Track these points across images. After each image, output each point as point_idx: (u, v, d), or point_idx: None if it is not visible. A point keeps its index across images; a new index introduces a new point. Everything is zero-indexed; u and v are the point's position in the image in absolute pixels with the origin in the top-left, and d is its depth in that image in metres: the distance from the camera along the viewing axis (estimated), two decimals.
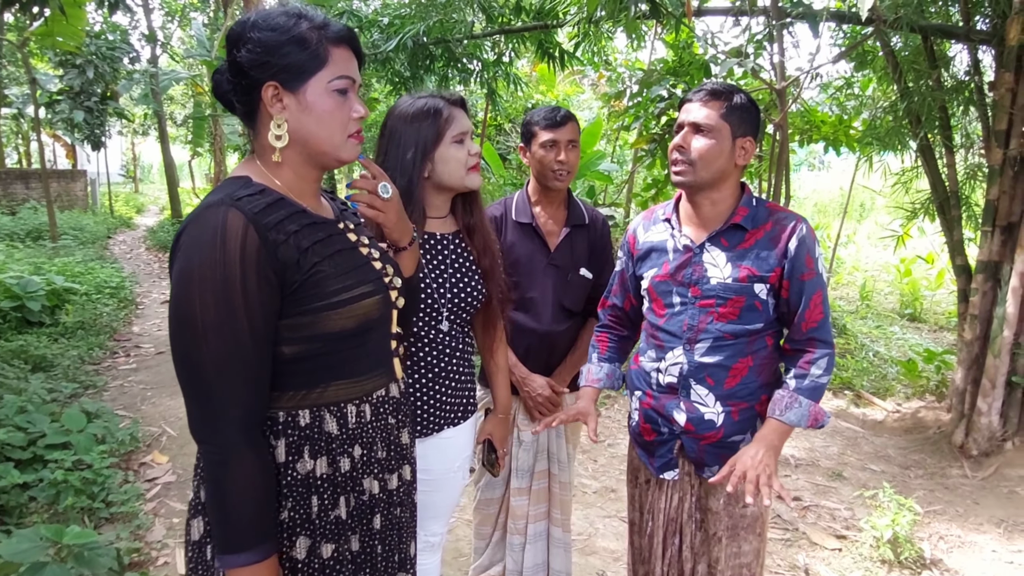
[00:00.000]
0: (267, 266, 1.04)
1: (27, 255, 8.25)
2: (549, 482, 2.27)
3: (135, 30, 15.16)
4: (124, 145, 25.72)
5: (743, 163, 1.66)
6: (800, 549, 3.07)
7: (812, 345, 1.63)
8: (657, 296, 1.74)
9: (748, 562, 1.73)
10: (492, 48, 6.44)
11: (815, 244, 1.64)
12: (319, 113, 1.12)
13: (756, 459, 1.53)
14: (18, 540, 2.08)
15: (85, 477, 2.97)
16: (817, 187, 16.29)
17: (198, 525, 1.14)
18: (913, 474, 3.93)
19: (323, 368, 1.14)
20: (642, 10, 4.05)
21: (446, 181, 1.66)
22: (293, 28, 1.09)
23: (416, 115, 1.61)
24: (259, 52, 1.08)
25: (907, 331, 7.27)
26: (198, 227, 1.04)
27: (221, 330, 1.02)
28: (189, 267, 1.03)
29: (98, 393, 4.60)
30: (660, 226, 1.79)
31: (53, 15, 6.04)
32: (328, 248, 1.14)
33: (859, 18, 3.80)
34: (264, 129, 1.14)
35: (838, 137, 5.42)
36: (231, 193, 1.07)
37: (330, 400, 1.15)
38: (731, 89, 1.64)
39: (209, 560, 1.12)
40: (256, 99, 1.12)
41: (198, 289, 1.02)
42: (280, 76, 1.09)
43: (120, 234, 14.49)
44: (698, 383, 1.67)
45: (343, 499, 1.16)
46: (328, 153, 1.15)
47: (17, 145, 19.22)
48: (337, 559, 1.15)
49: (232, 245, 1.02)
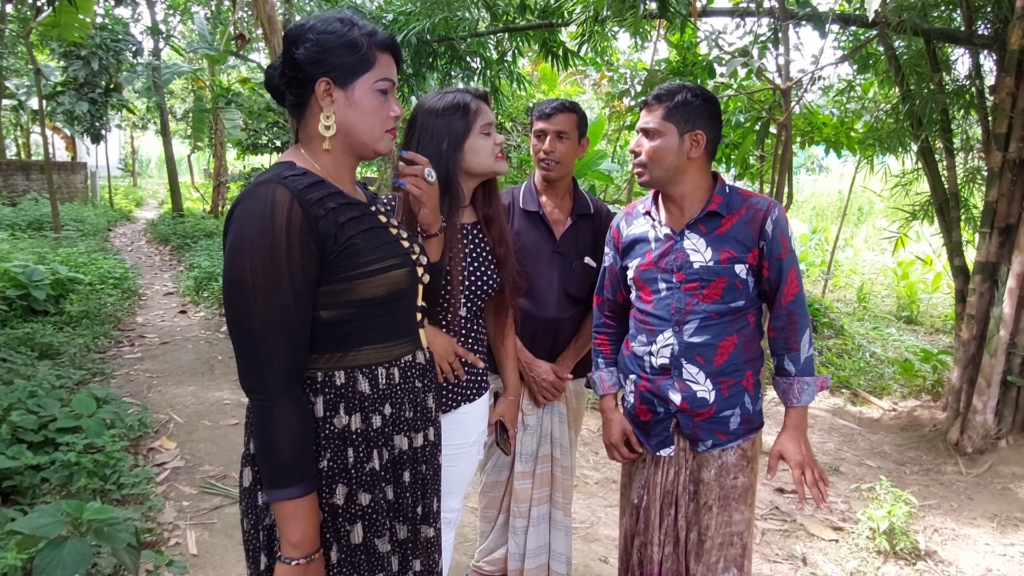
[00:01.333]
0: (309, 236, 1.16)
1: (30, 245, 8.28)
2: (552, 466, 2.32)
3: (137, 23, 15.19)
4: (123, 138, 25.68)
5: (696, 155, 1.75)
6: (798, 539, 3.13)
7: (792, 320, 1.74)
8: (643, 284, 1.84)
9: (740, 531, 1.83)
10: (495, 46, 6.49)
11: (787, 225, 1.77)
12: (363, 109, 1.26)
13: (803, 452, 1.75)
14: (39, 515, 2.12)
15: (97, 459, 3.01)
16: (816, 190, 16.37)
17: (248, 474, 1.28)
18: (909, 470, 4.00)
19: (356, 332, 1.26)
20: (649, 9, 4.11)
21: (476, 169, 1.75)
22: (347, 33, 1.23)
23: (446, 109, 1.71)
24: (316, 51, 1.21)
25: (904, 333, 7.35)
26: (250, 201, 1.16)
27: (268, 291, 1.13)
28: (241, 236, 1.14)
29: (105, 380, 4.64)
30: (641, 219, 1.90)
31: (62, 5, 6.07)
32: (361, 224, 1.26)
33: (864, 20, 3.87)
34: (312, 120, 1.26)
35: (839, 139, 5.49)
36: (279, 173, 1.19)
37: (362, 362, 1.26)
38: (673, 90, 1.75)
39: (260, 505, 1.25)
40: (308, 92, 1.24)
41: (249, 255, 1.13)
42: (333, 73, 1.23)
43: (120, 227, 14.50)
44: (689, 362, 1.77)
45: (376, 452, 1.28)
46: (367, 144, 1.29)
47: (16, 137, 19.19)
48: (374, 507, 1.27)
49: (280, 217, 1.14)
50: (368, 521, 1.26)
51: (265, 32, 6.12)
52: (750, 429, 1.83)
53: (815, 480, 1.75)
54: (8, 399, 3.33)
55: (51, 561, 1.97)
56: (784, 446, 1.78)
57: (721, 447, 1.80)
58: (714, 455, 1.81)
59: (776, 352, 1.80)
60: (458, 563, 2.67)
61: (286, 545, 1.18)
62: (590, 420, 4.37)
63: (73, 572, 1.95)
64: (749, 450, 1.84)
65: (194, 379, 4.91)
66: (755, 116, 4.62)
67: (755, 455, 1.87)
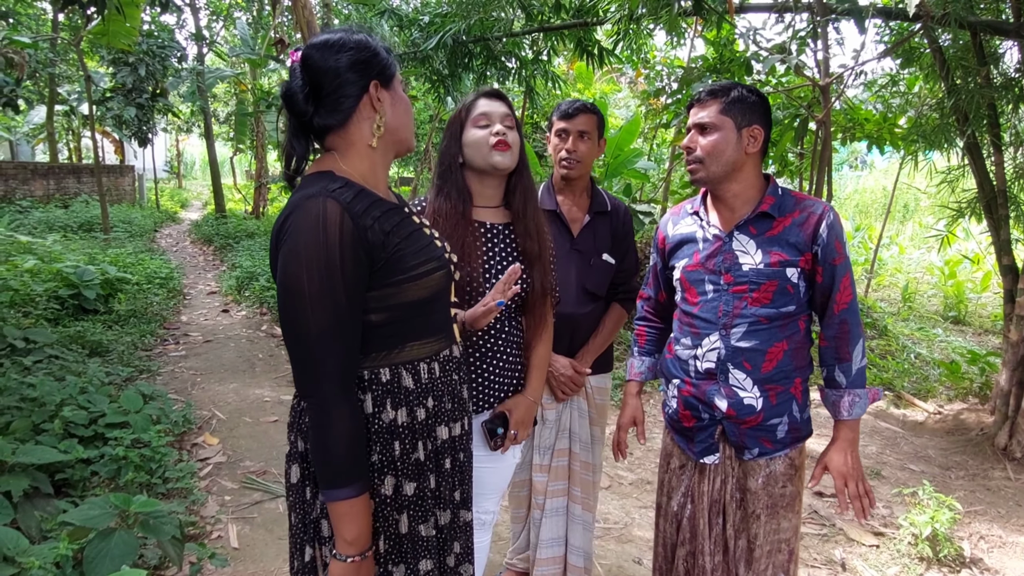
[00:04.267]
0: (359, 247, 1.22)
1: (81, 246, 8.58)
2: (569, 460, 2.34)
3: (182, 29, 15.61)
4: (168, 142, 26.41)
5: (754, 151, 1.72)
6: (837, 544, 3.07)
7: (845, 330, 1.69)
8: (690, 285, 1.80)
9: (787, 537, 1.79)
10: (531, 46, 6.50)
11: (842, 230, 1.71)
12: (404, 105, 1.37)
13: (851, 466, 1.70)
14: (89, 507, 2.22)
15: (143, 454, 3.11)
16: (859, 187, 15.97)
17: (295, 471, 1.33)
18: (954, 475, 3.89)
19: (400, 332, 1.32)
20: (685, 6, 4.07)
21: (473, 161, 1.79)
22: (373, 39, 1.32)
23: (455, 109, 1.84)
24: (361, 58, 1.28)
25: (950, 333, 7.13)
26: (302, 215, 1.20)
27: (324, 301, 1.19)
28: (296, 249, 1.19)
29: (151, 377, 4.80)
30: (688, 219, 1.86)
31: (110, 14, 6.27)
32: (404, 230, 1.31)
33: (906, 14, 3.76)
34: (354, 126, 1.31)
35: (882, 135, 5.35)
36: (325, 187, 1.23)
37: (406, 359, 1.33)
38: (727, 86, 1.71)
39: (308, 499, 1.31)
40: (354, 101, 1.29)
41: (305, 267, 1.18)
42: (380, 76, 1.31)
43: (166, 227, 14.94)
44: (736, 367, 1.73)
45: (420, 444, 1.34)
46: (406, 140, 1.38)
47: (68, 141, 19.89)
48: (419, 495, 1.34)
49: (332, 230, 1.19)
50: (413, 509, 1.32)
51: (304, 36, 6.24)
52: (798, 438, 1.77)
53: (858, 494, 1.70)
54: (60, 395, 3.47)
55: (100, 551, 2.05)
56: (831, 458, 1.73)
57: (768, 456, 1.76)
58: (760, 464, 1.76)
59: (826, 362, 1.74)
60: (492, 561, 2.69)
61: (341, 543, 1.23)
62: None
63: (121, 563, 2.03)
64: (796, 459, 1.79)
65: (236, 377, 5.03)
66: (793, 113, 4.54)
67: (802, 463, 1.82)
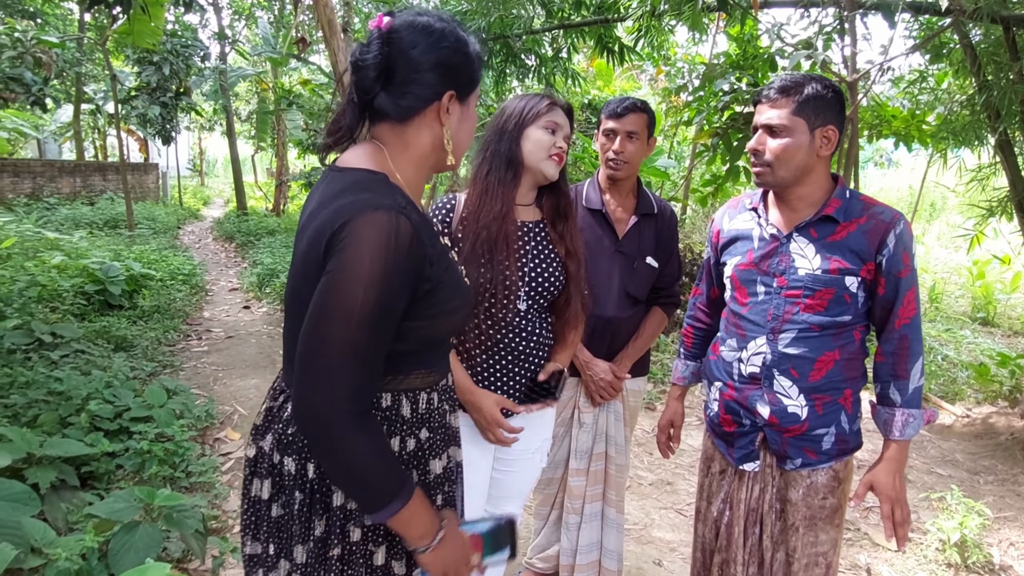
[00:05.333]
0: (416, 275, 1.11)
1: (107, 243, 8.70)
2: (606, 464, 2.32)
3: (205, 28, 15.79)
4: (191, 140, 26.73)
5: (827, 153, 1.62)
6: (862, 549, 3.02)
7: (905, 346, 1.61)
8: (740, 284, 1.73)
9: (825, 551, 1.72)
10: (551, 43, 6.47)
11: (911, 241, 1.62)
12: (471, 124, 1.24)
13: (896, 488, 1.63)
14: (114, 500, 2.24)
15: (167, 448, 3.15)
16: (884, 185, 15.74)
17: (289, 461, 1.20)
18: (983, 479, 3.81)
19: (410, 361, 1.21)
20: (708, 2, 4.03)
21: (527, 158, 1.76)
22: (472, 44, 1.18)
23: (528, 95, 1.81)
24: (447, 61, 1.15)
25: (979, 335, 6.99)
26: (372, 227, 1.06)
27: (372, 322, 1.06)
28: (361, 260, 1.05)
29: (174, 372, 4.85)
30: (746, 215, 1.78)
31: (135, 13, 6.35)
32: (445, 262, 1.20)
33: (937, 9, 3.69)
34: (415, 129, 1.18)
35: (910, 132, 5.26)
36: (396, 200, 1.10)
37: (408, 387, 1.23)
38: (801, 81, 1.60)
39: (311, 478, 1.18)
40: (424, 102, 1.16)
41: (366, 285, 1.05)
42: (460, 88, 1.18)
43: (189, 224, 15.12)
44: (781, 374, 1.66)
45: (414, 474, 1.24)
46: (458, 161, 1.24)
47: (94, 139, 20.20)
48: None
49: (402, 253, 1.07)
50: (391, 544, 1.21)
51: (325, 35, 6.26)
52: (845, 450, 1.70)
53: (904, 521, 1.63)
54: (86, 389, 3.52)
55: (125, 544, 2.07)
56: (877, 477, 1.65)
57: (812, 467, 1.69)
58: (803, 474, 1.69)
59: (881, 378, 1.66)
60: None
61: (412, 541, 1.15)
62: (644, 420, 4.32)
63: (145, 555, 2.05)
64: (841, 471, 1.71)
65: (256, 372, 5.07)
66: None
67: (847, 476, 1.75)
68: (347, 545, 1.18)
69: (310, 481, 1.18)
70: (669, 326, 6.30)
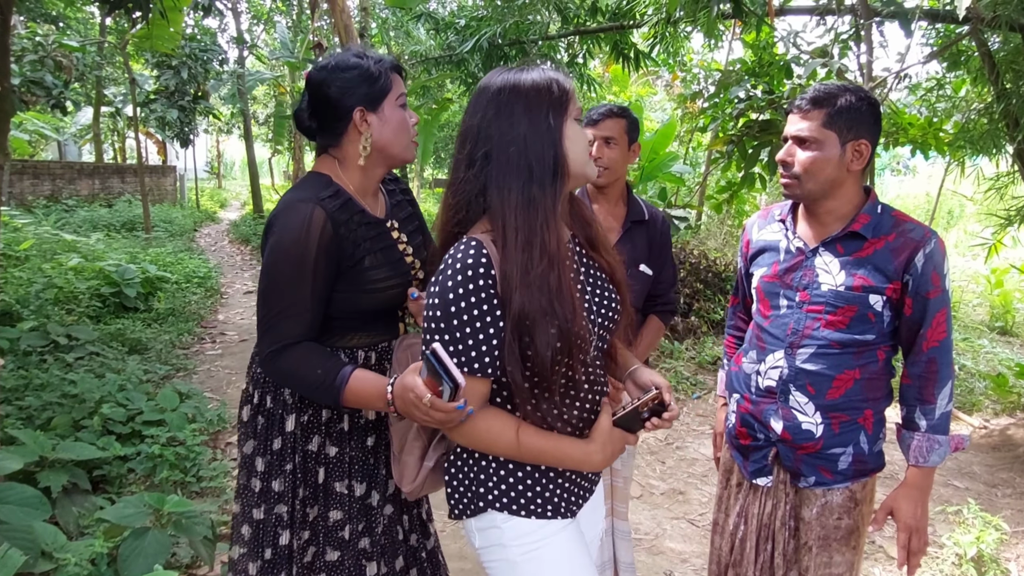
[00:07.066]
0: (332, 252, 1.42)
1: (123, 245, 8.80)
2: (612, 477, 2.30)
3: (224, 32, 15.95)
4: (209, 143, 27.00)
5: (858, 167, 1.58)
6: (876, 562, 2.98)
7: (933, 369, 1.56)
8: (764, 297, 1.71)
9: (840, 573, 1.66)
10: (566, 49, 6.48)
11: (943, 260, 1.56)
12: (393, 125, 1.50)
13: (917, 516, 1.59)
14: (124, 506, 2.26)
15: (178, 452, 3.17)
16: (901, 192, 15.59)
17: (246, 411, 1.60)
18: (1000, 492, 3.75)
19: (348, 326, 1.52)
20: (723, 9, 4.01)
21: (572, 165, 1.24)
22: (365, 66, 1.46)
23: (531, 67, 1.26)
24: (346, 87, 1.45)
25: (997, 345, 6.88)
26: (293, 215, 1.40)
27: (289, 287, 1.39)
28: (281, 242, 1.40)
29: (188, 375, 4.88)
30: (775, 225, 1.75)
31: (155, 18, 6.41)
32: (376, 245, 1.50)
33: (954, 17, 3.65)
34: (348, 144, 1.50)
35: (927, 140, 5.20)
36: (317, 193, 1.43)
37: (347, 345, 1.53)
38: (835, 92, 1.55)
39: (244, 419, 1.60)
40: (345, 123, 1.48)
41: (284, 259, 1.39)
42: (364, 102, 1.46)
43: (205, 227, 15.24)
44: (798, 390, 1.63)
45: (347, 416, 1.55)
46: (398, 156, 1.53)
47: (113, 142, 20.45)
48: (338, 458, 1.56)
49: (314, 234, 1.39)
50: (331, 467, 1.55)
51: (342, 40, 6.31)
52: (863, 471, 1.64)
53: (919, 551, 1.59)
54: (100, 392, 3.55)
55: (134, 550, 2.09)
56: (898, 503, 1.60)
57: (826, 487, 1.64)
58: (817, 493, 1.65)
59: (907, 401, 1.61)
60: None
61: (380, 408, 1.42)
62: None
63: (154, 561, 2.06)
64: (859, 492, 1.65)
65: None
66: None
67: (867, 497, 1.68)
68: (295, 462, 1.53)
69: (267, 409, 1.55)
70: (682, 332, 6.26)
